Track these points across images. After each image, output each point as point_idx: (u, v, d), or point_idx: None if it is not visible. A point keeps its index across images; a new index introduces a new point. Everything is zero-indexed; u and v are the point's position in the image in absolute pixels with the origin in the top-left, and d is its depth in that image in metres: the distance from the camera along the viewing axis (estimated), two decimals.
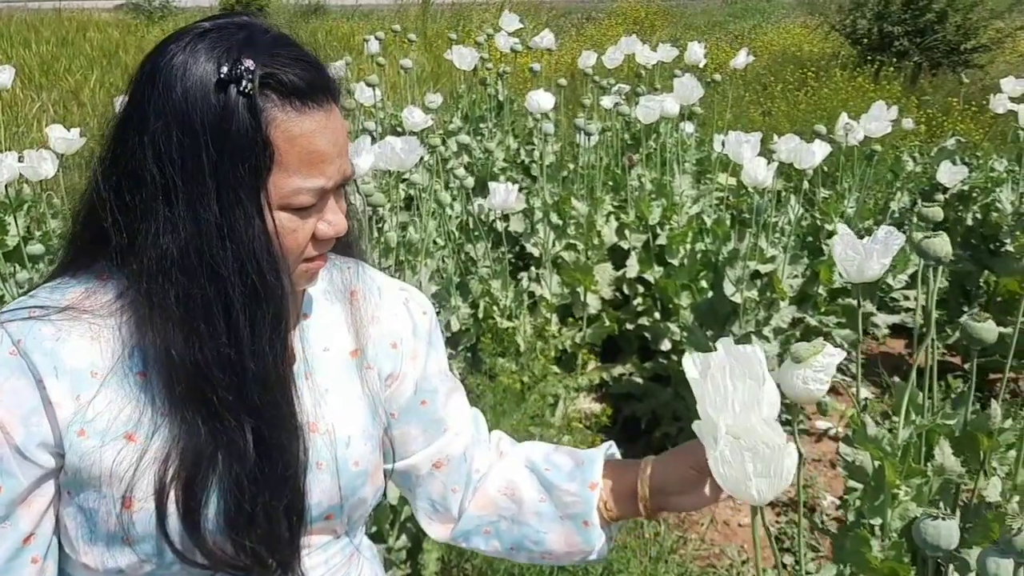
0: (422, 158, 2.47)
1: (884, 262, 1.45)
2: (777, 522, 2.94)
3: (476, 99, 4.43)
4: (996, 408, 1.44)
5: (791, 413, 1.14)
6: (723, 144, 3.22)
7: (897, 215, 3.88)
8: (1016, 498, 1.34)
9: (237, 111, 0.72)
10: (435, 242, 2.82)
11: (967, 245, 3.59)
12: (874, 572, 1.34)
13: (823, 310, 3.42)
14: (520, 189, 3.41)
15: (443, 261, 2.68)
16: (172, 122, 0.73)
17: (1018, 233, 3.40)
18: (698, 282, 3.16)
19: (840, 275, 3.44)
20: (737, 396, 0.89)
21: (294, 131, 0.74)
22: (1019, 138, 4.00)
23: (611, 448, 1.01)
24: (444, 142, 3.36)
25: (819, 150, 2.69)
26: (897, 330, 3.82)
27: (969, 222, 3.64)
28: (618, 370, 3.25)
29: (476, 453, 1.00)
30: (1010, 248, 3.37)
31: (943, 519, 0.85)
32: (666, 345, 3.19)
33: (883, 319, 3.68)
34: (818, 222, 3.42)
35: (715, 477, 0.90)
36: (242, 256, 0.74)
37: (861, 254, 1.45)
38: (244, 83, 0.72)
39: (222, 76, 0.72)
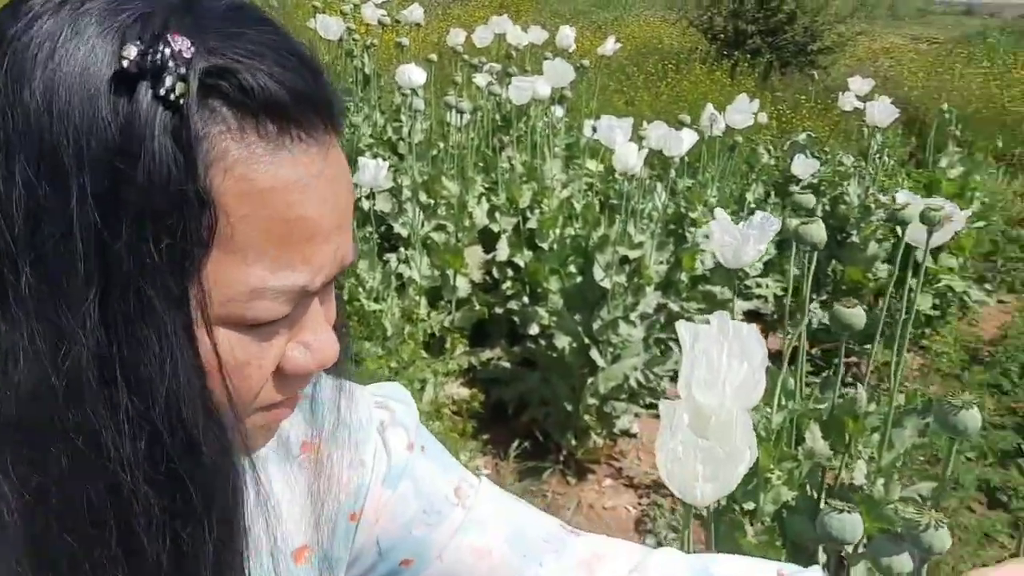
0: None
1: (760, 247, 1.46)
2: (639, 504, 2.99)
3: (339, 71, 4.25)
4: (862, 392, 1.48)
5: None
6: (594, 129, 3.22)
7: (753, 205, 4.03)
8: (881, 480, 1.37)
9: (150, 135, 0.38)
10: None
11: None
12: (748, 552, 1.35)
13: (685, 296, 3.50)
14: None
15: None
16: (20, 149, 0.38)
17: (863, 225, 3.59)
18: (567, 267, 3.16)
19: (702, 262, 3.54)
20: (731, 378, 0.84)
21: (260, 181, 0.40)
22: (864, 135, 4.24)
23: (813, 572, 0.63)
24: None
25: (687, 138, 2.73)
26: (751, 316, 3.97)
27: (819, 214, 3.82)
28: (487, 355, 3.21)
29: (540, 573, 0.62)
30: (856, 239, 3.56)
31: (847, 512, 0.84)
32: (534, 329, 3.17)
33: (739, 306, 3.81)
34: (682, 210, 3.49)
35: (659, 467, 0.84)
36: (152, 417, 0.41)
37: (738, 239, 1.45)
38: (168, 81, 0.38)
39: (125, 65, 0.38)
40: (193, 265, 0.40)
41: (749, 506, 1.43)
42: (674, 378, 3.51)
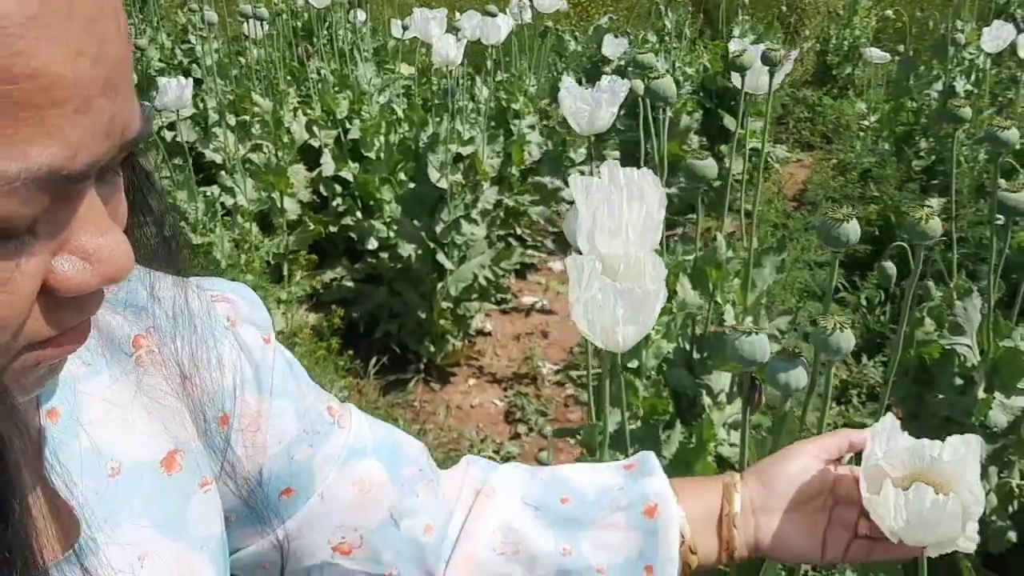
0: None
1: (612, 110, 1.45)
2: (505, 397, 3.04)
3: None
4: (721, 241, 1.53)
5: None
6: (404, 28, 3.10)
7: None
8: (749, 318, 1.44)
9: None
10: None
11: (632, 114, 3.85)
12: (639, 409, 1.39)
13: (516, 190, 3.51)
14: None
15: None
16: None
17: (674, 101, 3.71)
18: (398, 175, 3.06)
19: (529, 154, 3.54)
20: (632, 222, 0.81)
21: None
22: (660, 13, 4.34)
23: (647, 460, 0.68)
24: None
25: (504, 25, 2.68)
26: None
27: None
28: (328, 275, 3.09)
29: (421, 500, 0.62)
30: (670, 113, 3.68)
31: (755, 334, 0.86)
32: (373, 244, 3.08)
33: (568, 193, 3.87)
34: (503, 103, 3.46)
35: (578, 324, 0.81)
36: None
37: (591, 104, 1.43)
38: None
39: None
40: None
41: (633, 365, 1.46)
42: (519, 272, 3.55)
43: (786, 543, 0.64)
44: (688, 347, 1.57)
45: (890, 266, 1.43)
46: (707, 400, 1.43)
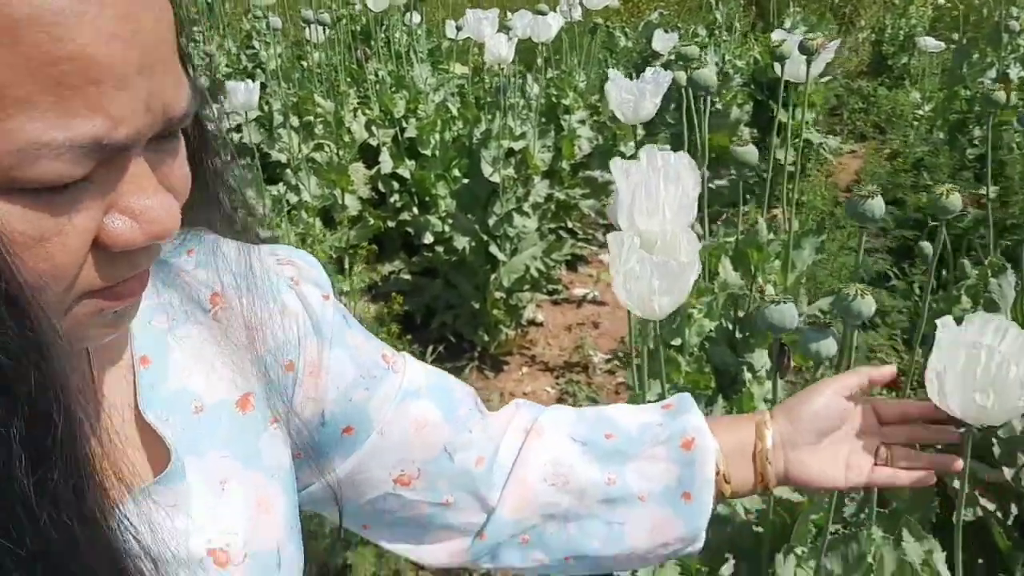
0: None
1: (656, 100, 1.53)
2: (557, 384, 3.12)
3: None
4: (762, 224, 1.60)
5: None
6: (458, 29, 3.20)
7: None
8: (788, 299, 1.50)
9: None
10: None
11: (680, 105, 3.90)
12: (683, 384, 1.46)
13: (567, 184, 3.59)
14: None
15: None
16: None
17: (724, 91, 3.75)
18: (452, 171, 3.17)
19: (579, 148, 3.62)
20: (668, 202, 0.90)
21: (15, 8, 0.34)
22: (711, 7, 4.37)
23: (685, 400, 0.73)
24: None
25: (555, 22, 2.76)
26: None
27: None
28: (387, 268, 3.22)
29: (469, 439, 0.67)
30: (719, 106, 3.72)
31: (783, 303, 0.93)
32: (428, 238, 3.19)
33: None
34: (554, 99, 3.54)
35: (618, 294, 0.90)
36: None
37: (635, 95, 1.51)
38: None
39: None
40: None
41: (677, 343, 1.53)
42: (570, 264, 3.63)
43: (812, 473, 0.70)
44: (730, 326, 1.64)
45: (927, 245, 1.48)
46: (748, 376, 1.50)
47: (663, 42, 3.59)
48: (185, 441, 0.50)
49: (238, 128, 3.15)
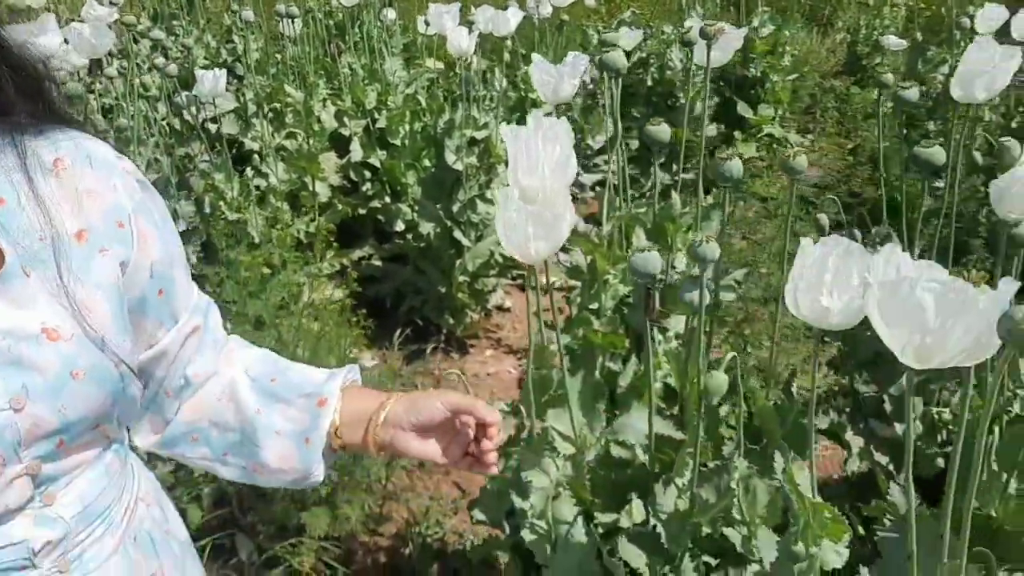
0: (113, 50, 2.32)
1: (574, 82, 1.65)
2: (519, 366, 3.24)
3: None
4: (676, 199, 1.72)
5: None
6: (427, 23, 3.33)
7: (591, 85, 4.25)
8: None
9: None
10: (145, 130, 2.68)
11: (648, 103, 4.03)
12: (599, 344, 1.58)
13: None
14: (227, 88, 3.30)
15: (156, 152, 2.56)
16: None
17: (687, 88, 3.87)
18: (422, 160, 3.29)
19: None
20: (547, 160, 1.03)
21: None
22: (682, 6, 4.50)
23: (352, 372, 0.94)
24: (137, 40, 3.15)
25: (513, 17, 2.88)
26: (600, 186, 4.24)
27: (649, 82, 4.08)
28: (357, 254, 3.34)
29: (204, 355, 0.89)
30: (683, 100, 3.84)
31: (648, 251, 1.06)
32: (400, 226, 3.31)
33: (588, 178, 4.07)
34: (523, 93, 3.66)
35: (500, 238, 1.03)
36: None
37: (555, 77, 1.64)
38: None
39: None
40: None
41: (594, 306, 1.65)
42: None
43: (411, 450, 0.89)
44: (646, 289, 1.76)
45: (823, 217, 1.61)
46: (660, 337, 1.62)
47: (628, 39, 3.71)
48: (29, 257, 0.70)
49: (215, 119, 3.28)
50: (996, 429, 1.25)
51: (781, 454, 1.20)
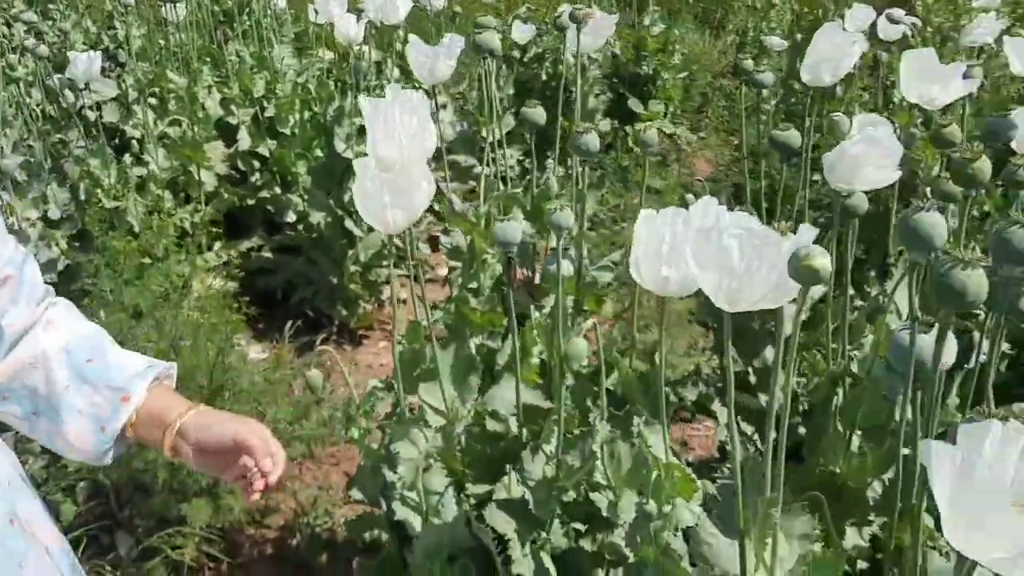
0: None
1: (450, 63, 1.67)
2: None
3: None
4: (552, 179, 1.75)
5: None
6: (316, 11, 3.29)
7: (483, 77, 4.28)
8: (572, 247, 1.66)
9: None
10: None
11: (543, 96, 4.08)
12: (477, 323, 1.60)
13: (432, 167, 3.71)
14: (107, 75, 3.19)
15: (26, 135, 2.45)
16: None
17: (580, 81, 3.94)
18: (313, 150, 3.25)
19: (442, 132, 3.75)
20: (404, 130, 1.03)
21: None
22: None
23: (170, 370, 0.99)
24: (10, 24, 3.01)
25: (403, 6, 2.87)
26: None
27: (544, 77, 4.14)
28: (246, 245, 3.27)
29: (18, 306, 0.91)
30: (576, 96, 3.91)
31: (510, 221, 1.08)
32: (291, 216, 3.26)
33: (487, 171, 4.09)
34: (416, 85, 3.66)
35: (360, 209, 1.04)
36: None
37: (431, 57, 1.65)
38: None
39: None
40: None
41: (473, 285, 1.67)
42: (426, 240, 3.75)
43: (189, 459, 0.94)
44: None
45: (691, 197, 1.67)
46: (536, 315, 1.65)
47: (521, 33, 3.76)
48: None
49: (97, 106, 3.16)
50: (840, 391, 1.33)
51: (638, 417, 1.24)
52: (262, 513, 2.36)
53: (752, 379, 1.72)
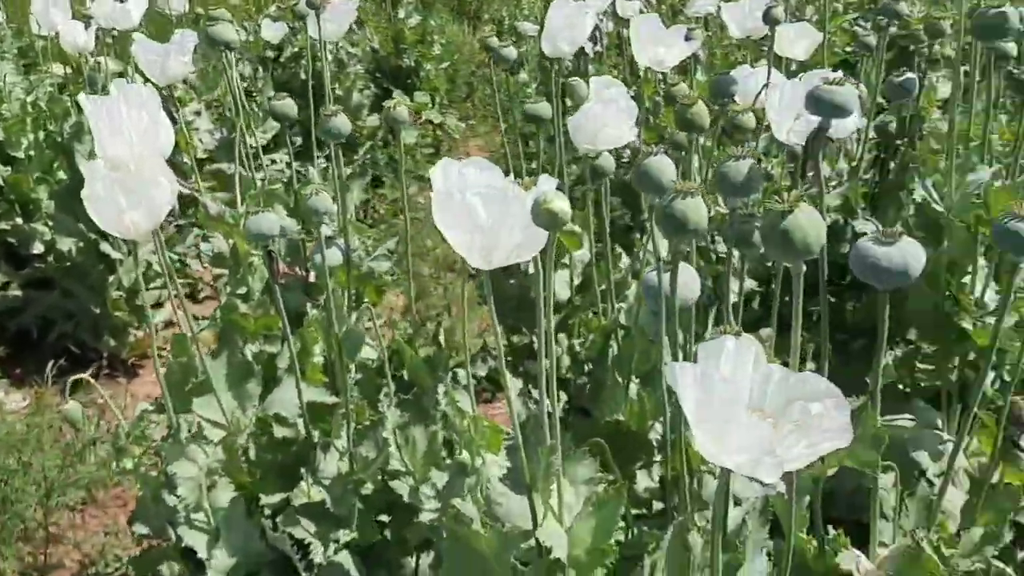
0: None
1: (183, 59, 1.58)
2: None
3: None
4: (314, 173, 1.71)
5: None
6: (39, 24, 3.01)
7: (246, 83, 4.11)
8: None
9: None
10: None
11: (303, 96, 3.97)
12: (251, 329, 1.53)
13: (192, 179, 3.51)
14: None
15: None
16: None
17: (341, 77, 3.89)
18: (53, 173, 2.97)
19: (200, 141, 3.56)
20: (134, 125, 0.94)
21: None
22: None
23: None
24: None
25: (135, 9, 2.68)
26: None
27: (303, 76, 4.04)
28: None
29: None
30: (339, 92, 3.85)
31: (262, 212, 1.03)
32: (38, 248, 2.96)
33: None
34: (165, 93, 3.44)
35: (94, 217, 0.94)
36: None
37: (162, 55, 1.56)
38: None
39: None
40: None
41: (242, 290, 1.60)
42: (197, 255, 3.55)
43: None
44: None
45: None
46: (312, 311, 1.60)
47: (271, 31, 3.64)
48: None
49: None
50: (613, 344, 1.40)
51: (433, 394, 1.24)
52: (40, 572, 2.13)
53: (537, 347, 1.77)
